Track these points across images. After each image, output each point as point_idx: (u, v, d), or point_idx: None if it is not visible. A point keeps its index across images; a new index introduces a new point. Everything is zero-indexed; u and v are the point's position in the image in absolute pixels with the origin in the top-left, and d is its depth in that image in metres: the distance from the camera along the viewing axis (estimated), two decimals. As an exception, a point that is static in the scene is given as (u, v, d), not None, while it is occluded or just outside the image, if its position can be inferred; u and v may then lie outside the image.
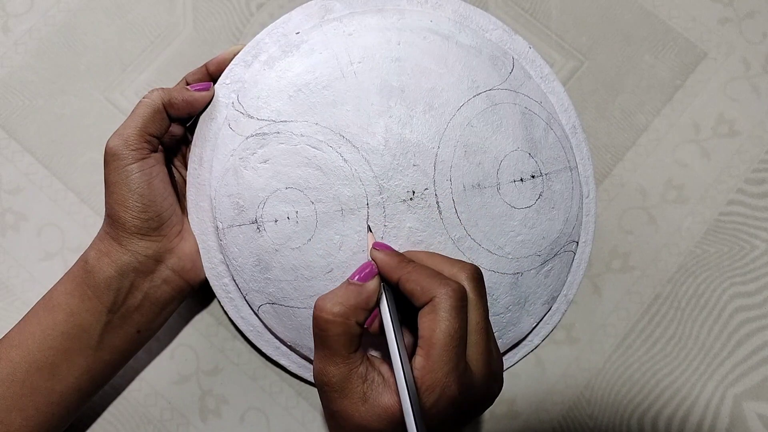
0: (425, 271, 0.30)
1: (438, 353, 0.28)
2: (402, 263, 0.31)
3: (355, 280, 0.31)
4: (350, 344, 0.29)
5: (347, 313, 0.29)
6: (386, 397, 0.29)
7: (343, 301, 0.29)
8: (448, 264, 0.31)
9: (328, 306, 0.29)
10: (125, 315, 0.37)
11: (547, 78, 0.42)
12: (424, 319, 0.29)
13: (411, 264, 0.31)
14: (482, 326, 0.30)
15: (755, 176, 0.48)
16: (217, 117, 0.39)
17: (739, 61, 0.50)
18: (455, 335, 0.28)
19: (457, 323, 0.28)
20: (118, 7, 0.50)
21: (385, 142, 0.35)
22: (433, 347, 0.28)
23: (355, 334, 0.29)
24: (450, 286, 0.29)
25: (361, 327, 0.30)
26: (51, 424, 0.37)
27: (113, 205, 0.36)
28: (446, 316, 0.28)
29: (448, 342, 0.28)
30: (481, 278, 0.31)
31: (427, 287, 0.29)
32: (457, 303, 0.29)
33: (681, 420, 0.44)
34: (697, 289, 0.46)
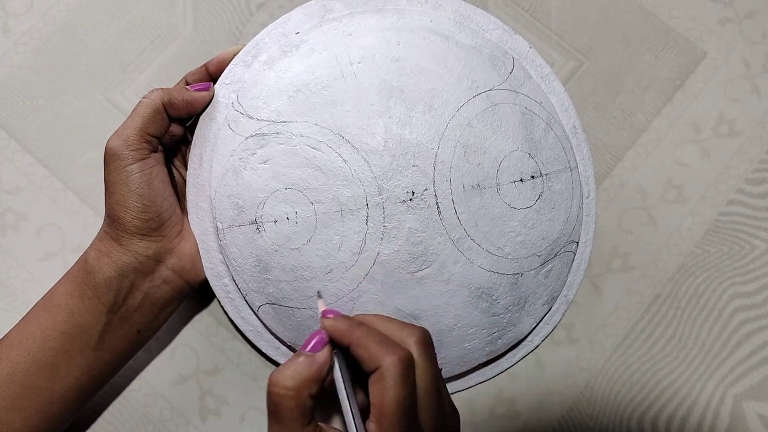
0: (373, 337, 0.30)
1: (388, 422, 0.28)
2: (351, 328, 0.31)
3: (306, 351, 0.31)
4: (303, 417, 0.29)
5: (299, 386, 0.29)
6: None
7: (295, 375, 0.29)
8: (398, 328, 0.31)
9: (281, 380, 0.29)
10: (125, 315, 0.37)
11: (547, 78, 0.42)
12: (373, 387, 0.29)
13: (360, 328, 0.31)
14: (432, 389, 0.30)
15: (755, 176, 0.48)
16: (216, 117, 0.39)
17: (739, 61, 0.50)
18: (404, 403, 0.28)
19: (404, 390, 0.28)
20: (118, 7, 0.50)
21: (384, 142, 0.35)
22: (384, 416, 0.28)
23: (308, 407, 0.29)
24: (396, 354, 0.29)
25: (313, 399, 0.30)
26: (51, 424, 0.37)
27: (113, 205, 0.36)
28: (393, 385, 0.28)
29: (398, 410, 0.28)
30: (429, 341, 0.31)
31: (374, 354, 0.29)
32: (404, 371, 0.29)
33: (681, 420, 0.44)
34: (697, 289, 0.46)
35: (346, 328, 0.31)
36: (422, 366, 0.30)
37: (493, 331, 0.38)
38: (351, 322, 0.31)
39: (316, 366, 0.30)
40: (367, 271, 0.36)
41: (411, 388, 0.29)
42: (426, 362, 0.30)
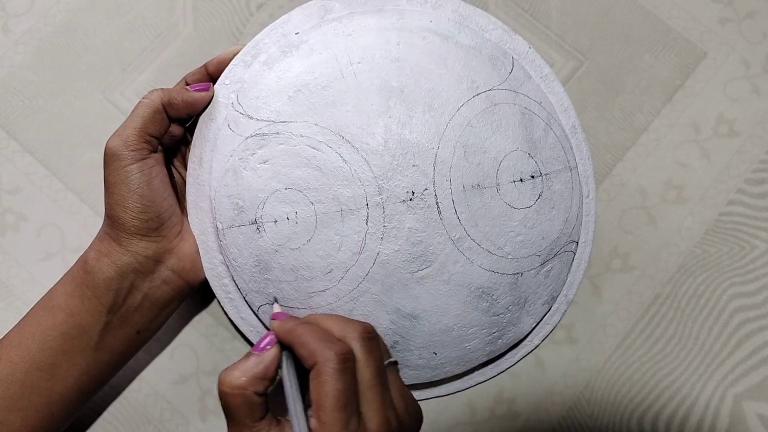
0: (313, 335, 0.31)
1: (326, 415, 0.29)
2: (294, 327, 0.31)
3: (255, 351, 0.32)
4: (252, 414, 0.30)
5: (245, 384, 0.30)
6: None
7: (242, 373, 0.30)
8: (340, 325, 0.32)
9: (228, 378, 0.30)
10: (125, 315, 0.37)
11: (547, 78, 0.42)
12: (312, 382, 0.30)
13: (302, 326, 0.31)
14: (374, 382, 0.30)
15: (755, 176, 0.48)
16: (216, 117, 0.39)
17: (739, 61, 0.50)
18: (341, 396, 0.29)
19: (341, 384, 0.29)
20: (118, 7, 0.50)
21: (384, 142, 0.35)
22: (322, 409, 0.29)
23: (256, 403, 0.30)
24: (332, 349, 0.30)
25: (261, 396, 0.31)
26: (51, 424, 0.37)
27: (113, 205, 0.36)
28: (329, 379, 0.29)
29: (334, 403, 0.29)
30: (371, 336, 0.32)
31: (312, 351, 0.30)
32: (339, 365, 0.29)
33: (681, 420, 0.44)
34: (697, 289, 0.46)
35: (289, 328, 0.31)
36: (363, 359, 0.31)
37: (493, 330, 0.38)
38: (294, 321, 0.32)
39: (262, 365, 0.31)
40: (367, 271, 0.36)
41: (348, 381, 0.29)
42: (366, 356, 0.31)
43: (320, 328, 0.32)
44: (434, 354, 0.38)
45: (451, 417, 0.44)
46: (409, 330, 0.37)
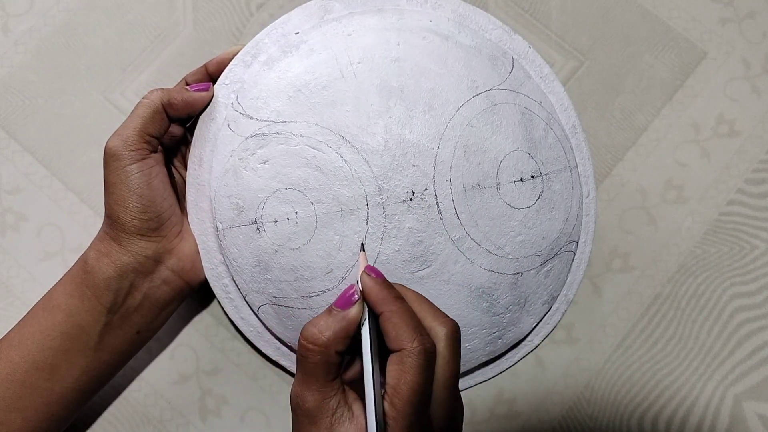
0: (406, 317, 0.30)
1: (401, 404, 0.28)
2: (388, 299, 0.31)
3: (338, 307, 0.31)
4: (328, 372, 0.30)
5: (327, 343, 0.30)
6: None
7: (326, 329, 0.30)
8: (431, 315, 0.31)
9: (310, 334, 0.30)
10: (125, 315, 0.37)
11: (547, 78, 0.42)
12: (391, 366, 0.29)
13: (396, 302, 0.31)
14: (450, 383, 0.30)
15: (755, 176, 0.48)
16: (216, 117, 0.39)
17: (739, 61, 0.50)
18: (419, 390, 0.29)
19: (421, 378, 0.29)
20: (118, 7, 0.50)
21: (384, 142, 0.35)
22: (398, 397, 0.29)
23: (333, 362, 0.30)
24: (422, 343, 0.29)
25: (340, 356, 0.30)
26: (50, 424, 0.37)
27: (113, 205, 0.36)
28: (411, 371, 0.29)
29: (412, 396, 0.28)
30: (457, 336, 0.31)
31: (401, 335, 0.29)
32: (423, 361, 0.29)
33: (681, 420, 0.44)
34: (697, 289, 0.46)
35: (383, 297, 0.31)
36: (445, 359, 0.30)
37: (493, 330, 0.38)
38: (389, 292, 0.31)
39: (345, 323, 0.30)
40: (367, 271, 0.36)
41: (428, 378, 0.29)
42: (449, 356, 0.30)
43: (413, 314, 0.31)
44: (434, 354, 0.38)
45: (451, 417, 0.44)
46: (409, 330, 0.37)
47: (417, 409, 0.29)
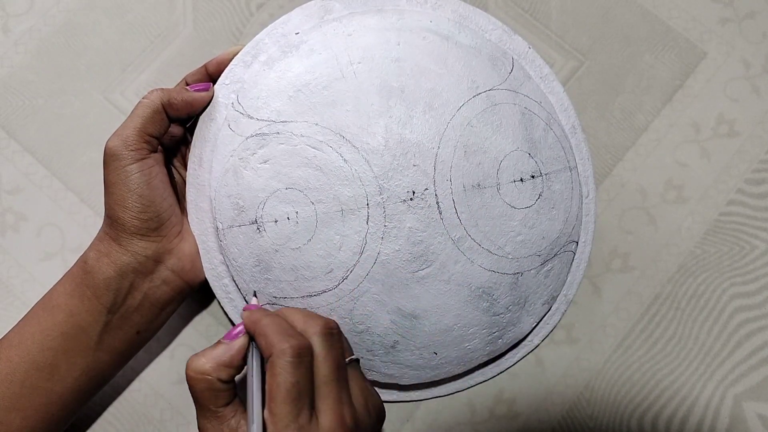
0: (274, 327, 0.31)
1: (277, 407, 0.29)
2: (259, 319, 0.32)
3: (225, 340, 0.32)
4: (216, 399, 0.31)
5: (210, 370, 0.31)
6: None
7: (208, 360, 0.31)
8: (303, 319, 0.33)
9: (194, 363, 0.31)
10: (125, 315, 0.37)
11: (547, 78, 0.42)
12: (267, 374, 0.30)
13: (266, 319, 0.32)
14: (331, 378, 0.31)
15: (755, 176, 0.48)
16: (216, 117, 0.39)
17: (739, 61, 0.50)
18: (292, 389, 0.29)
19: (293, 377, 0.29)
20: (118, 7, 0.50)
21: (385, 142, 0.35)
22: (273, 401, 0.29)
23: (220, 389, 0.31)
24: (288, 342, 0.30)
25: (226, 383, 0.31)
26: (50, 424, 0.37)
27: (112, 205, 0.36)
28: (281, 371, 0.29)
29: (285, 396, 0.29)
30: (332, 333, 0.32)
31: (270, 342, 0.30)
32: (294, 358, 0.30)
33: (681, 420, 0.44)
34: (697, 289, 0.46)
35: (255, 319, 0.32)
36: (321, 355, 0.31)
37: (493, 330, 0.38)
38: (262, 314, 0.32)
39: (228, 354, 0.32)
40: (368, 270, 0.36)
41: (302, 375, 0.30)
42: (325, 351, 0.31)
43: (284, 321, 0.32)
44: (434, 354, 0.38)
45: (451, 417, 0.44)
46: (410, 330, 0.37)
47: (292, 409, 0.29)
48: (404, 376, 0.39)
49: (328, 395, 0.30)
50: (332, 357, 0.31)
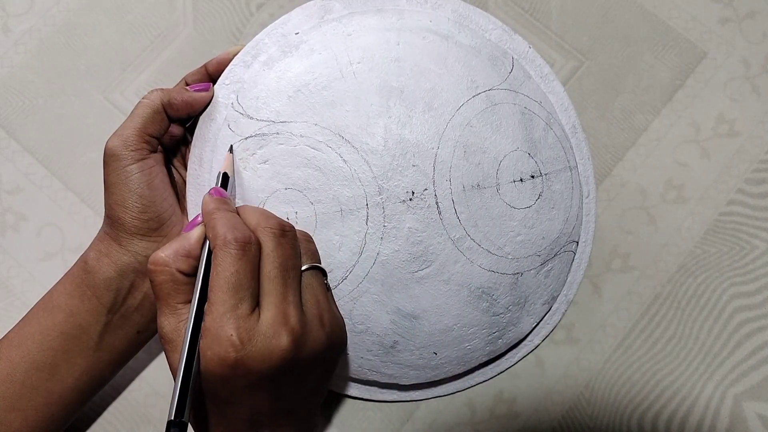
0: (224, 221, 0.30)
1: (215, 296, 0.28)
2: (213, 210, 0.31)
3: (183, 232, 0.31)
4: (176, 293, 0.30)
5: (168, 260, 0.30)
6: None
7: (167, 251, 0.30)
8: (257, 217, 0.32)
9: (154, 256, 0.30)
10: (125, 315, 0.37)
11: (547, 78, 0.42)
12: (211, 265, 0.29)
13: (219, 212, 0.31)
14: (275, 274, 0.30)
15: (755, 176, 0.48)
16: (216, 117, 0.39)
17: (739, 61, 0.50)
18: (231, 279, 0.28)
19: (233, 267, 0.29)
20: (118, 7, 0.50)
21: (384, 142, 0.35)
22: (212, 290, 0.28)
23: (180, 281, 0.30)
24: (233, 233, 0.29)
25: (185, 276, 0.30)
26: (50, 424, 0.37)
27: (113, 205, 0.36)
28: (222, 262, 0.29)
29: (224, 285, 0.28)
30: (284, 233, 0.31)
31: (216, 233, 0.30)
32: (236, 250, 0.29)
33: (681, 420, 0.44)
34: (697, 289, 0.46)
35: (210, 210, 0.31)
36: (267, 251, 0.30)
37: (493, 330, 0.38)
38: (217, 205, 0.31)
39: (186, 241, 0.31)
40: (368, 271, 0.36)
41: (243, 267, 0.29)
42: (273, 248, 0.30)
43: (235, 216, 0.31)
44: (434, 354, 0.38)
45: (451, 417, 0.44)
46: (410, 330, 0.37)
47: (230, 298, 0.28)
48: (404, 376, 0.39)
49: (272, 292, 0.29)
50: (280, 254, 0.30)
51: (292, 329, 0.29)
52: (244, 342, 0.28)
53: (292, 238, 0.32)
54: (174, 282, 0.30)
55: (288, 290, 0.30)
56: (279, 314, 0.29)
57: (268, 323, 0.29)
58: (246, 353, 0.28)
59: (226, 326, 0.28)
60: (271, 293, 0.29)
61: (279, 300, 0.29)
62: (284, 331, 0.29)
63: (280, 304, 0.29)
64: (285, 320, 0.29)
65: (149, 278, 0.31)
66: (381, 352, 0.37)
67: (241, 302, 0.28)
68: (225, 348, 0.28)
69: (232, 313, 0.28)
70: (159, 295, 0.30)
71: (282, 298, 0.30)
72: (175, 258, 0.30)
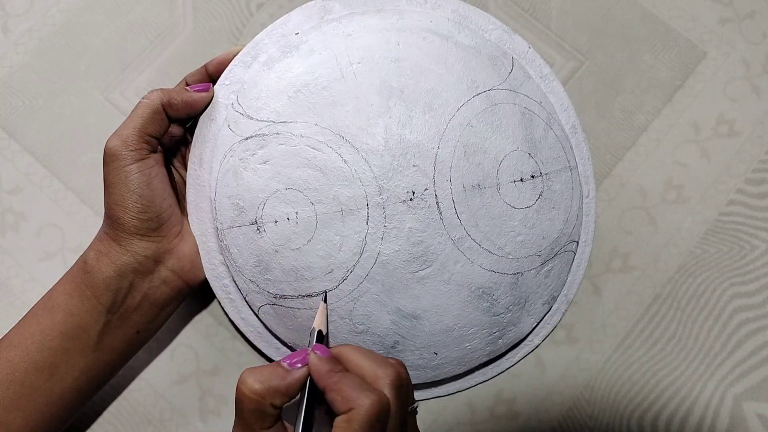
0: (349, 382, 0.30)
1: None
2: (330, 372, 0.30)
3: (285, 364, 0.31)
4: (262, 421, 0.29)
5: (264, 393, 0.29)
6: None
7: (264, 381, 0.29)
8: (373, 367, 0.31)
9: (249, 381, 0.29)
10: (124, 315, 0.37)
11: (547, 78, 0.42)
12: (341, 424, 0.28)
13: (339, 374, 0.30)
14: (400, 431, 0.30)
15: (755, 176, 0.48)
16: (216, 118, 0.39)
17: (739, 61, 0.50)
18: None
19: None
20: (118, 7, 0.50)
21: (384, 142, 0.35)
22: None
23: (269, 413, 0.30)
24: (369, 398, 0.29)
25: (276, 409, 0.30)
26: (50, 424, 0.37)
27: (112, 205, 0.36)
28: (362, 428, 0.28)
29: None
30: (402, 383, 0.31)
31: (347, 397, 0.29)
32: (375, 416, 0.28)
33: (681, 420, 0.44)
34: (697, 289, 0.46)
35: (325, 372, 0.30)
36: (393, 410, 0.30)
37: (493, 330, 0.38)
38: (333, 365, 0.31)
39: (288, 381, 0.30)
40: (368, 271, 0.36)
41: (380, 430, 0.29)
42: (396, 406, 0.30)
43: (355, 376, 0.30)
44: (435, 354, 0.38)
45: (451, 417, 0.44)
46: (410, 330, 0.37)
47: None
48: (404, 376, 0.39)
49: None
50: (402, 410, 0.30)
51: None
52: None
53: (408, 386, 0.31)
54: (263, 413, 0.29)
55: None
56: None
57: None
58: None
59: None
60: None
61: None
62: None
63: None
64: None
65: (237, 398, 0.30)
66: (381, 352, 0.37)
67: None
68: None
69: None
70: (244, 418, 0.30)
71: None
72: (272, 394, 0.29)
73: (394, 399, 0.30)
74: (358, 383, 0.30)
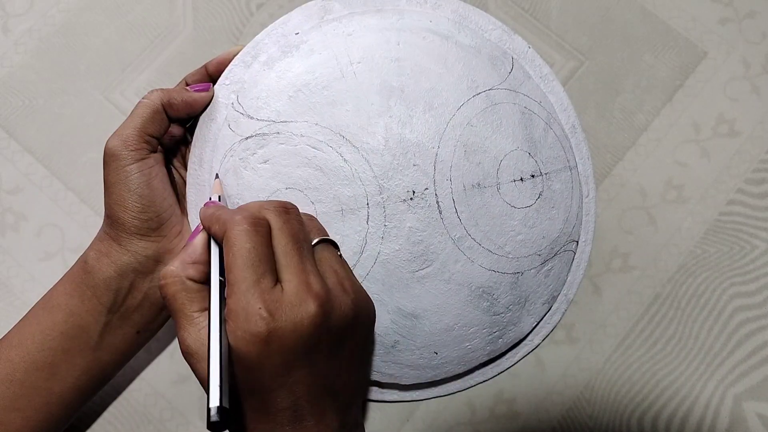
0: (227, 210, 0.31)
1: (234, 275, 0.28)
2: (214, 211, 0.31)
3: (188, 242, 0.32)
4: (190, 302, 0.30)
5: (176, 270, 0.30)
6: None
7: (174, 262, 0.31)
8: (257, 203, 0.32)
9: (162, 272, 0.31)
10: (125, 315, 0.37)
11: (547, 78, 0.42)
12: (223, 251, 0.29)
13: (220, 209, 0.31)
14: (290, 248, 0.30)
15: (755, 176, 0.48)
16: (216, 118, 0.39)
17: (739, 61, 0.50)
18: (249, 254, 0.28)
19: (248, 243, 0.28)
20: (118, 7, 0.50)
21: (385, 142, 0.35)
22: (231, 271, 0.28)
23: (192, 290, 0.30)
24: (241, 214, 0.29)
25: (197, 283, 0.30)
26: (50, 424, 0.37)
27: (112, 205, 0.36)
28: (236, 241, 0.28)
29: (243, 262, 0.28)
30: (288, 209, 0.31)
31: (223, 221, 0.30)
32: (248, 227, 0.29)
33: (681, 420, 0.44)
34: (697, 289, 0.46)
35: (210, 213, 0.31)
36: (277, 227, 0.30)
37: (493, 330, 0.38)
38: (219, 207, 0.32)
39: (189, 249, 0.31)
40: (368, 270, 0.36)
41: (258, 242, 0.29)
42: (281, 224, 0.30)
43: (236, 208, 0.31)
44: (435, 354, 0.38)
45: (451, 417, 0.44)
46: (410, 330, 0.37)
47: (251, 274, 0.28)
48: (404, 376, 0.39)
49: (289, 264, 0.29)
50: (289, 228, 0.30)
51: (317, 295, 0.29)
52: (272, 313, 0.27)
53: (297, 214, 0.32)
54: (186, 291, 0.30)
55: (305, 261, 0.30)
56: (301, 283, 0.29)
57: (293, 293, 0.28)
58: (277, 325, 0.27)
59: (252, 301, 0.27)
60: (289, 265, 0.29)
61: (298, 270, 0.29)
62: (310, 297, 0.28)
63: (301, 274, 0.29)
64: (308, 288, 0.29)
65: (161, 294, 0.30)
66: (382, 352, 0.37)
67: (262, 276, 0.28)
68: (255, 323, 0.27)
69: (255, 287, 0.28)
70: (173, 307, 0.30)
71: (301, 268, 0.29)
72: (183, 267, 0.30)
73: (277, 220, 0.30)
74: (237, 210, 0.30)
